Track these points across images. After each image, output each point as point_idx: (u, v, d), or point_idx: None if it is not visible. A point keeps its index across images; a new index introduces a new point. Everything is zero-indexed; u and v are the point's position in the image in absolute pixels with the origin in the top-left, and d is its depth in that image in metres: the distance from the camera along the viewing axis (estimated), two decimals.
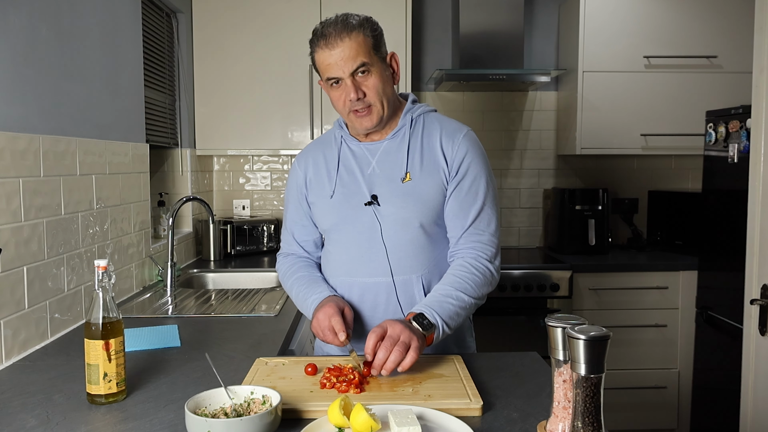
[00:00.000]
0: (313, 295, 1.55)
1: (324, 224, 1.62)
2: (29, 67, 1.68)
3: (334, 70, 1.46)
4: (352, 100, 1.47)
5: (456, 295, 1.46)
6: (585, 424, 0.95)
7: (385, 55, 1.52)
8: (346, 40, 1.44)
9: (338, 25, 1.45)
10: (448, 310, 1.44)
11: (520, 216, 3.74)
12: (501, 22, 3.29)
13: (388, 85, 1.52)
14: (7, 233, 1.56)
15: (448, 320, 1.43)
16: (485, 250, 1.54)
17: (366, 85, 1.47)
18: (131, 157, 2.35)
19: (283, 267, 1.70)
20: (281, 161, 3.68)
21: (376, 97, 1.49)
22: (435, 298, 1.46)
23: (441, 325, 1.42)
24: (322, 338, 1.46)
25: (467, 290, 1.48)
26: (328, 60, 1.46)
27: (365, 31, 1.46)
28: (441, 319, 1.42)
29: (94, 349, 1.24)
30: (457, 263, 1.53)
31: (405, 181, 1.52)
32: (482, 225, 1.54)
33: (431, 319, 1.40)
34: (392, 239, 1.53)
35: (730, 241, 2.58)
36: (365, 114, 1.50)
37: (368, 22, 1.49)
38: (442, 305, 1.44)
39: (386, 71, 1.51)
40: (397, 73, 1.56)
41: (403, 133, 1.56)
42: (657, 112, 3.31)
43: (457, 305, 1.46)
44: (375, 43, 1.48)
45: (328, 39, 1.44)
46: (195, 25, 3.20)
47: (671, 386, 3.17)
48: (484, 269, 1.52)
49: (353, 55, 1.44)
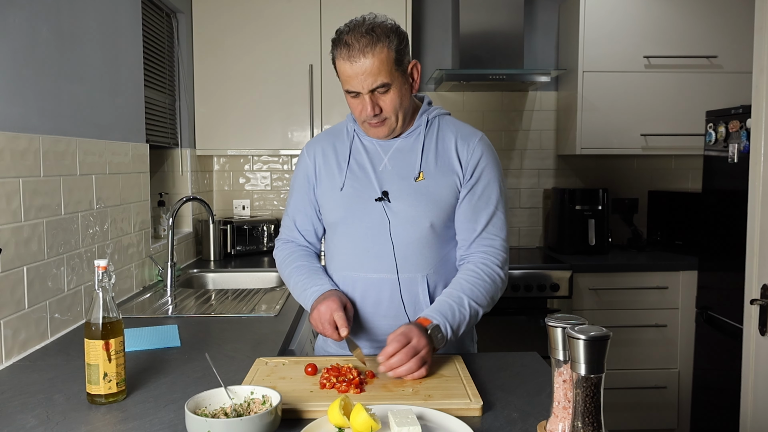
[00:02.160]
0: (314, 286, 1.55)
1: (331, 217, 1.61)
2: (29, 67, 1.68)
3: (353, 84, 1.44)
4: (369, 115, 1.47)
5: (468, 304, 1.48)
6: (585, 424, 0.95)
7: (406, 67, 1.49)
8: (369, 57, 1.41)
9: (363, 38, 1.41)
10: (459, 321, 1.46)
11: (520, 216, 3.74)
12: (501, 22, 3.29)
13: (405, 98, 1.50)
14: (7, 233, 1.56)
15: (456, 332, 1.46)
16: (497, 256, 1.55)
17: (383, 100, 1.46)
18: (131, 157, 2.35)
19: (282, 253, 1.69)
20: (281, 161, 3.68)
21: (392, 113, 1.48)
22: (449, 307, 1.46)
23: (450, 338, 1.44)
24: (321, 331, 1.46)
25: (478, 299, 1.50)
26: (348, 72, 1.44)
27: (390, 44, 1.43)
28: (451, 331, 1.44)
29: (94, 349, 1.24)
30: (470, 268, 1.53)
31: (418, 180, 1.53)
32: (495, 230, 1.55)
33: (444, 333, 1.42)
34: (400, 237, 1.53)
35: (730, 241, 2.58)
36: (378, 126, 1.51)
37: (394, 32, 1.45)
38: (454, 316, 1.45)
39: (405, 84, 1.49)
40: (416, 82, 1.54)
41: (418, 132, 1.56)
42: (657, 112, 3.31)
43: (468, 314, 1.48)
44: (398, 57, 1.45)
45: (351, 51, 1.42)
46: (195, 25, 3.20)
47: (671, 386, 3.17)
48: (496, 276, 1.53)
49: (374, 72, 1.42)
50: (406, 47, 1.48)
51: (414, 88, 1.54)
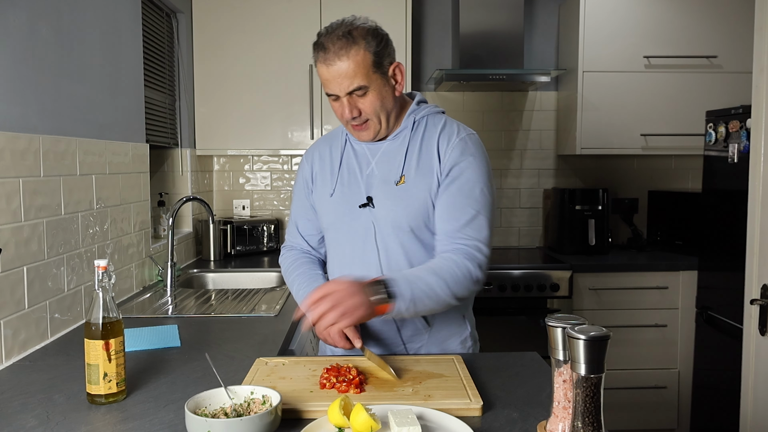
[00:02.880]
0: None
1: (323, 222, 1.62)
2: (29, 67, 1.68)
3: (331, 87, 1.44)
4: (348, 118, 1.47)
5: (430, 280, 1.37)
6: (585, 424, 0.95)
7: (386, 69, 1.46)
8: (344, 60, 1.39)
9: (339, 40, 1.40)
10: (415, 289, 1.34)
11: (520, 216, 3.74)
12: (501, 22, 3.29)
13: (387, 100, 1.47)
14: (7, 233, 1.56)
15: (410, 299, 1.33)
16: (470, 256, 1.44)
17: (362, 103, 1.45)
18: (131, 157, 2.35)
19: (286, 261, 1.70)
20: (281, 161, 3.68)
21: (373, 114, 1.47)
22: (406, 274, 1.38)
23: (399, 302, 1.32)
24: (331, 342, 1.44)
25: (441, 277, 1.38)
26: (326, 75, 1.43)
27: (367, 45, 1.41)
28: (402, 294, 1.32)
29: (94, 349, 1.24)
30: (442, 256, 1.45)
31: (399, 183, 1.51)
32: (472, 232, 1.46)
33: (392, 288, 1.31)
34: (385, 242, 1.52)
35: (730, 241, 2.58)
36: (362, 128, 1.50)
37: (372, 34, 1.42)
38: (411, 282, 1.35)
39: (386, 87, 1.46)
40: (400, 84, 1.50)
41: (404, 135, 1.54)
42: (657, 112, 3.31)
43: (427, 290, 1.36)
44: (376, 60, 1.42)
45: (327, 54, 1.41)
46: (195, 25, 3.20)
47: (671, 386, 3.17)
48: (465, 269, 1.42)
49: (350, 75, 1.40)
50: (385, 48, 1.45)
51: (397, 90, 1.50)
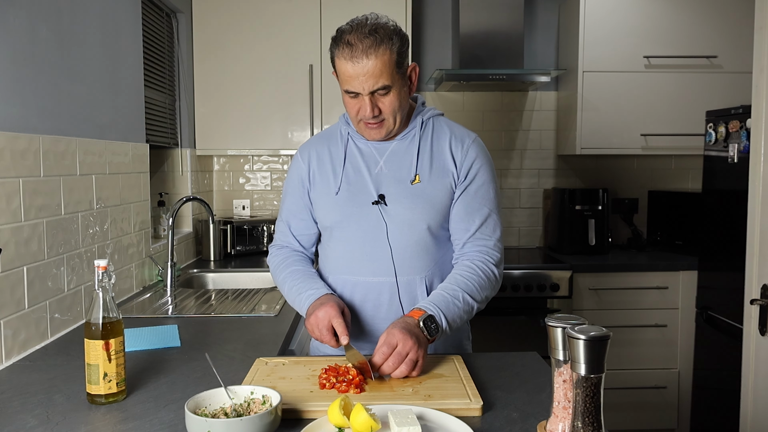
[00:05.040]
0: (309, 290, 1.52)
1: (327, 221, 1.60)
2: (29, 67, 1.68)
3: (353, 84, 1.43)
4: (368, 116, 1.47)
5: (463, 297, 1.47)
6: (585, 424, 0.95)
7: (406, 69, 1.49)
8: (372, 58, 1.39)
9: (367, 39, 1.39)
10: (453, 312, 1.45)
11: (520, 216, 3.74)
12: (501, 22, 3.29)
13: (404, 101, 1.50)
14: (7, 233, 1.56)
15: (452, 323, 1.45)
16: (491, 255, 1.55)
17: (383, 102, 1.46)
18: (131, 157, 2.35)
19: (276, 259, 1.68)
20: (281, 161, 3.68)
21: (391, 115, 1.48)
22: (443, 298, 1.46)
23: (445, 328, 1.43)
24: (318, 337, 1.44)
25: (473, 293, 1.49)
26: (350, 72, 1.42)
27: (393, 46, 1.41)
28: (446, 321, 1.43)
29: (94, 349, 1.24)
30: (463, 264, 1.53)
31: (414, 182, 1.53)
32: (488, 231, 1.56)
33: (439, 322, 1.41)
34: (397, 240, 1.53)
35: (730, 241, 2.58)
36: (376, 127, 1.50)
37: (397, 34, 1.44)
38: (449, 307, 1.45)
39: (404, 87, 1.49)
40: (414, 84, 1.53)
41: (413, 135, 1.56)
42: (657, 112, 3.31)
43: (462, 308, 1.47)
44: (399, 60, 1.44)
45: (354, 51, 1.40)
46: (195, 25, 3.20)
47: (671, 386, 3.17)
48: (490, 273, 1.53)
49: (376, 74, 1.41)
50: (407, 50, 1.48)
51: (411, 90, 1.54)
